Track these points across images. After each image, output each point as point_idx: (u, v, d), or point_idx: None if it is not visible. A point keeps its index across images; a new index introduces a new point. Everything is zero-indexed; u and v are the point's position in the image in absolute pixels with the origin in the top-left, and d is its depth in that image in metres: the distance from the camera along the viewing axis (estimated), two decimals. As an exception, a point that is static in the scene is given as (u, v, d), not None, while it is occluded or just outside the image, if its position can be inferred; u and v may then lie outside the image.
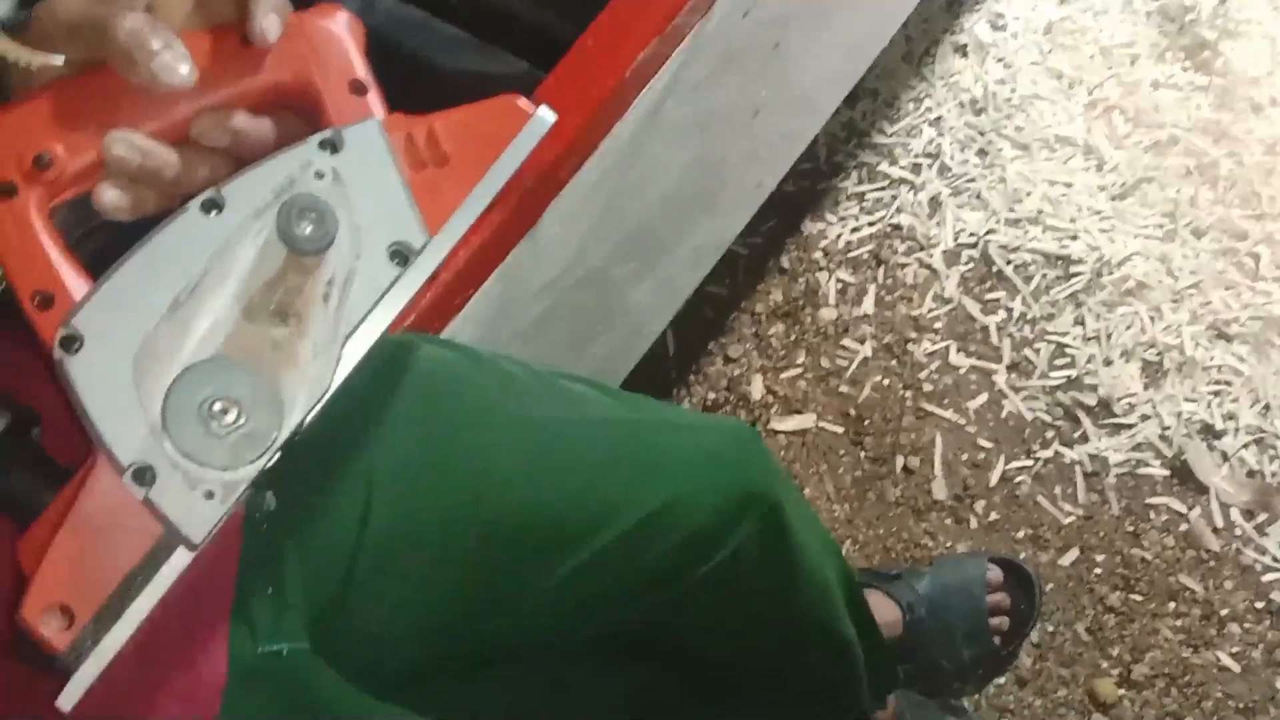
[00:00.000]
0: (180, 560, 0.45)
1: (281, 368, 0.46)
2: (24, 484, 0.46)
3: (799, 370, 1.41)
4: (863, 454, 1.38)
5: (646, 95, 0.80)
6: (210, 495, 0.45)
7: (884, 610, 1.23)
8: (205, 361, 0.45)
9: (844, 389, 1.40)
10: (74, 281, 0.47)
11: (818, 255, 1.46)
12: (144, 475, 0.44)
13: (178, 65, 0.46)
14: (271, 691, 0.57)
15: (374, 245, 0.48)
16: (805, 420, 1.40)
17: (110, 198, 0.48)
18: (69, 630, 0.43)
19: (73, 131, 0.47)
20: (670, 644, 0.86)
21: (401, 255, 0.48)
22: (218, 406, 0.45)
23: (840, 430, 1.39)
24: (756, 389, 1.41)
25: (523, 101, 0.51)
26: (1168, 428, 1.33)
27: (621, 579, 0.75)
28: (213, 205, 0.46)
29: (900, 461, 1.37)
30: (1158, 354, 1.36)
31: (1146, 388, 1.35)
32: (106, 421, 0.44)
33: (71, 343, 0.44)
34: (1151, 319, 1.37)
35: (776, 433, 1.39)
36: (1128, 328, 1.37)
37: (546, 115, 0.51)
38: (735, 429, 0.84)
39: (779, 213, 1.46)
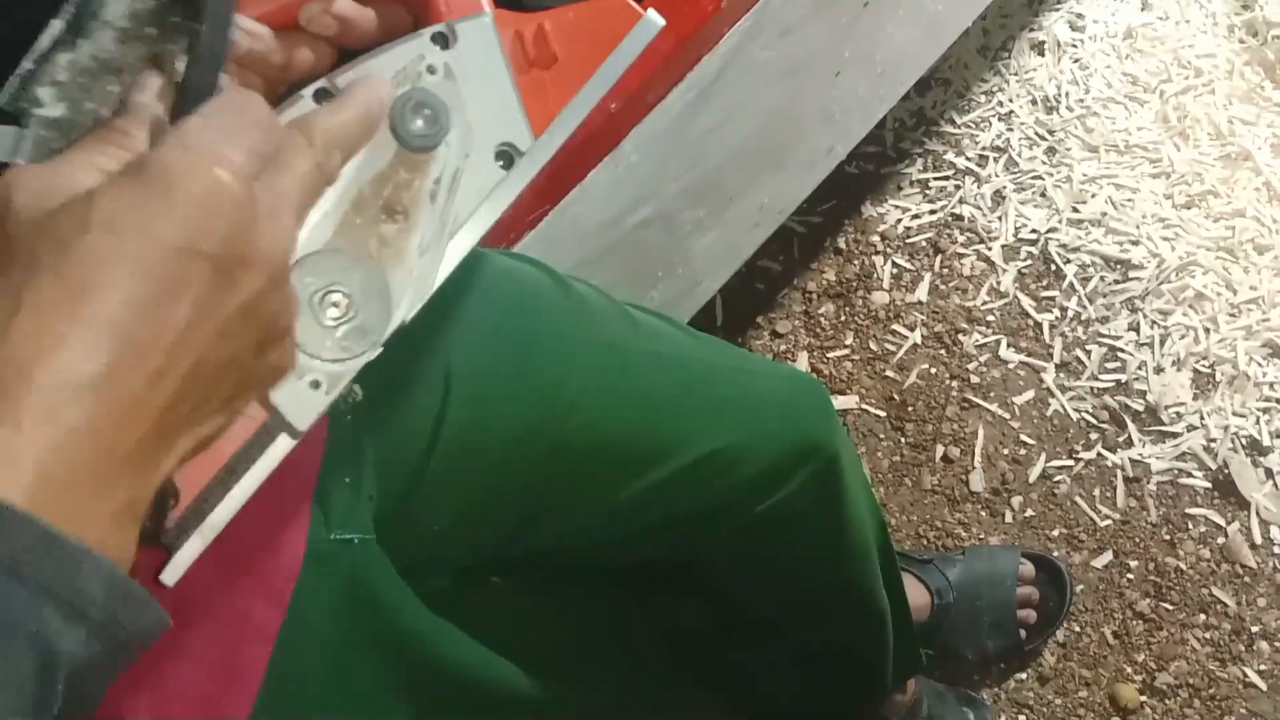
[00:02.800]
0: (282, 446, 0.45)
1: (388, 263, 0.46)
2: None
3: (846, 351, 1.41)
4: (903, 439, 1.37)
5: (738, 30, 0.80)
6: (316, 385, 0.45)
7: (913, 593, 1.23)
8: (317, 253, 0.45)
9: (890, 374, 1.40)
10: None
11: (875, 239, 1.46)
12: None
13: None
14: (338, 577, 0.58)
15: (482, 144, 0.48)
16: (848, 401, 1.39)
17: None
18: (174, 509, 0.44)
19: None
20: (715, 582, 0.87)
21: (508, 156, 0.48)
22: (329, 298, 0.45)
23: (882, 414, 1.38)
24: (802, 366, 1.41)
25: (632, 3, 0.50)
26: (1214, 440, 1.32)
27: (681, 508, 0.76)
28: (325, 95, 0.46)
29: (940, 450, 1.36)
30: (1210, 365, 1.35)
31: (1196, 398, 1.34)
32: None
33: None
34: (1207, 330, 1.36)
35: (818, 410, 1.39)
36: (1182, 337, 1.36)
37: (656, 18, 0.50)
38: (804, 379, 0.85)
39: (840, 193, 1.46)
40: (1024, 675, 1.28)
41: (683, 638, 0.90)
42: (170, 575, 0.44)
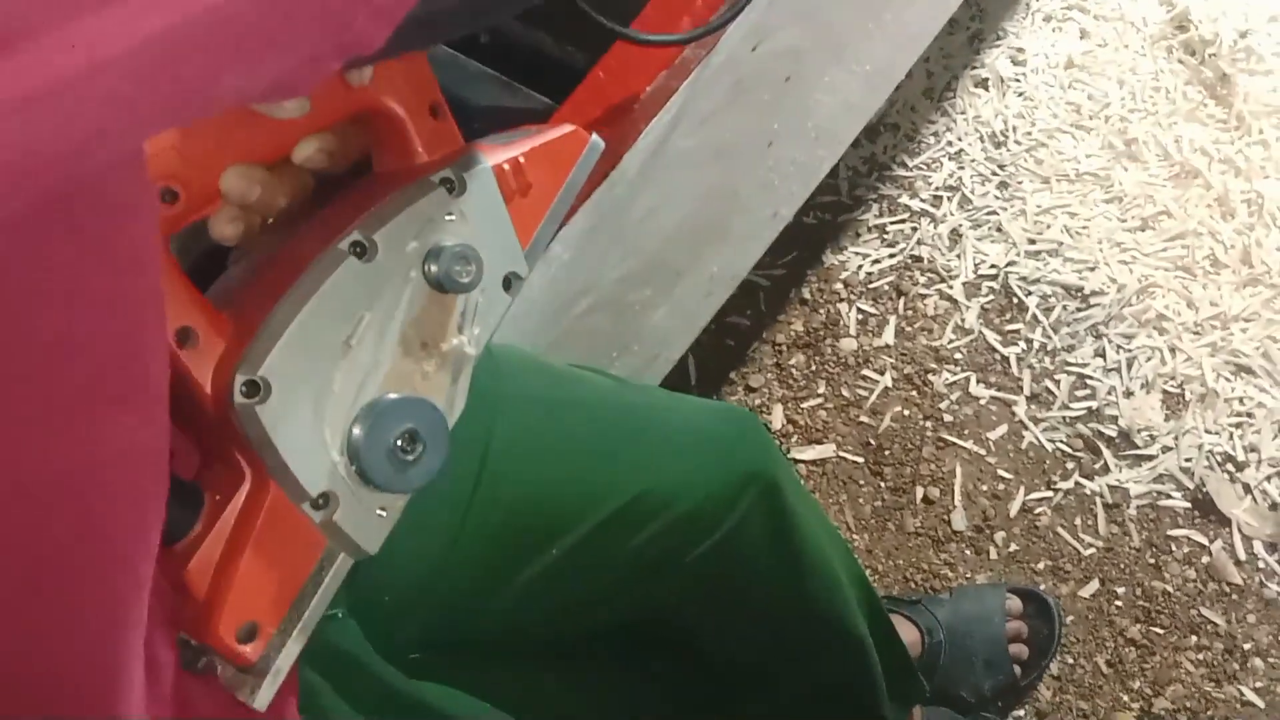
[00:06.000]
0: (343, 566, 0.50)
1: (434, 395, 0.50)
2: (173, 511, 0.48)
3: (819, 400, 1.42)
4: (882, 484, 1.38)
5: (655, 126, 0.82)
6: (383, 512, 0.49)
7: (903, 632, 1.23)
8: (389, 399, 0.49)
9: (864, 419, 1.41)
10: (210, 316, 0.48)
11: (838, 286, 1.47)
12: (327, 501, 0.48)
13: None
14: (323, 653, 0.61)
15: (492, 276, 0.52)
16: (825, 450, 1.41)
17: (230, 230, 0.50)
18: (259, 644, 0.47)
19: (189, 163, 0.48)
20: (680, 638, 0.87)
21: (508, 283, 0.53)
22: (404, 441, 0.49)
23: (860, 460, 1.39)
24: (777, 419, 1.42)
25: (581, 130, 0.56)
26: (1189, 459, 1.33)
27: (616, 559, 0.75)
28: (362, 249, 0.49)
29: (920, 492, 1.37)
30: (1179, 385, 1.36)
31: (1167, 419, 1.35)
32: (295, 458, 0.47)
33: (256, 389, 0.47)
34: (1172, 350, 1.37)
35: (797, 462, 1.40)
36: (1148, 359, 1.37)
37: (599, 142, 0.56)
38: (732, 411, 0.84)
39: (800, 244, 1.48)
40: (1021, 712, 1.28)
41: (662, 698, 0.90)
42: (262, 702, 0.47)
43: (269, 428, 0.47)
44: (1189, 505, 1.32)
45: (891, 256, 1.47)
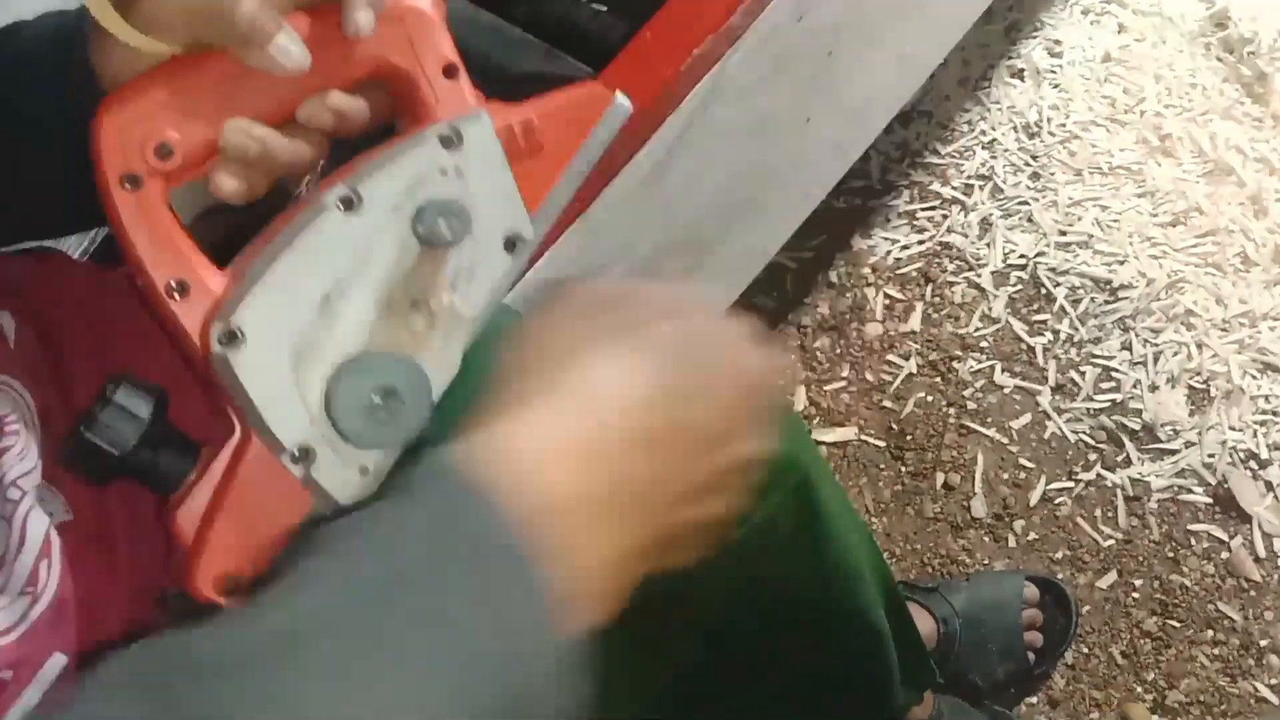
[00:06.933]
0: None
1: (420, 354, 0.50)
2: (169, 461, 0.49)
3: (842, 384, 1.43)
4: (903, 469, 1.39)
5: (698, 93, 0.83)
6: (365, 471, 0.48)
7: (920, 622, 1.23)
8: (367, 354, 0.48)
9: (887, 404, 1.41)
10: (205, 270, 0.49)
11: (866, 271, 1.48)
12: (305, 455, 0.47)
13: (293, 48, 0.47)
14: None
15: (491, 235, 0.51)
16: (847, 433, 1.41)
17: (231, 186, 0.50)
18: (238, 596, 0.47)
19: (188, 118, 0.48)
20: (708, 617, 0.87)
21: (512, 244, 0.51)
22: (381, 398, 0.48)
23: (881, 444, 1.40)
24: (800, 400, 1.43)
25: (604, 88, 0.53)
26: (1212, 455, 1.33)
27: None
28: (350, 202, 0.49)
29: (940, 478, 1.37)
30: (1204, 381, 1.36)
31: (1192, 414, 1.35)
32: (270, 409, 0.47)
33: (233, 338, 0.47)
34: (1199, 346, 1.37)
35: (818, 444, 1.40)
36: (1175, 354, 1.37)
37: (625, 103, 0.53)
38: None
39: (829, 228, 1.48)
40: (1035, 699, 1.28)
41: (680, 681, 0.91)
42: None
43: (243, 377, 0.47)
44: (1210, 501, 1.32)
45: (920, 243, 1.48)
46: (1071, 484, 1.35)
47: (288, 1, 0.49)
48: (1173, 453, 1.34)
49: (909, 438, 1.39)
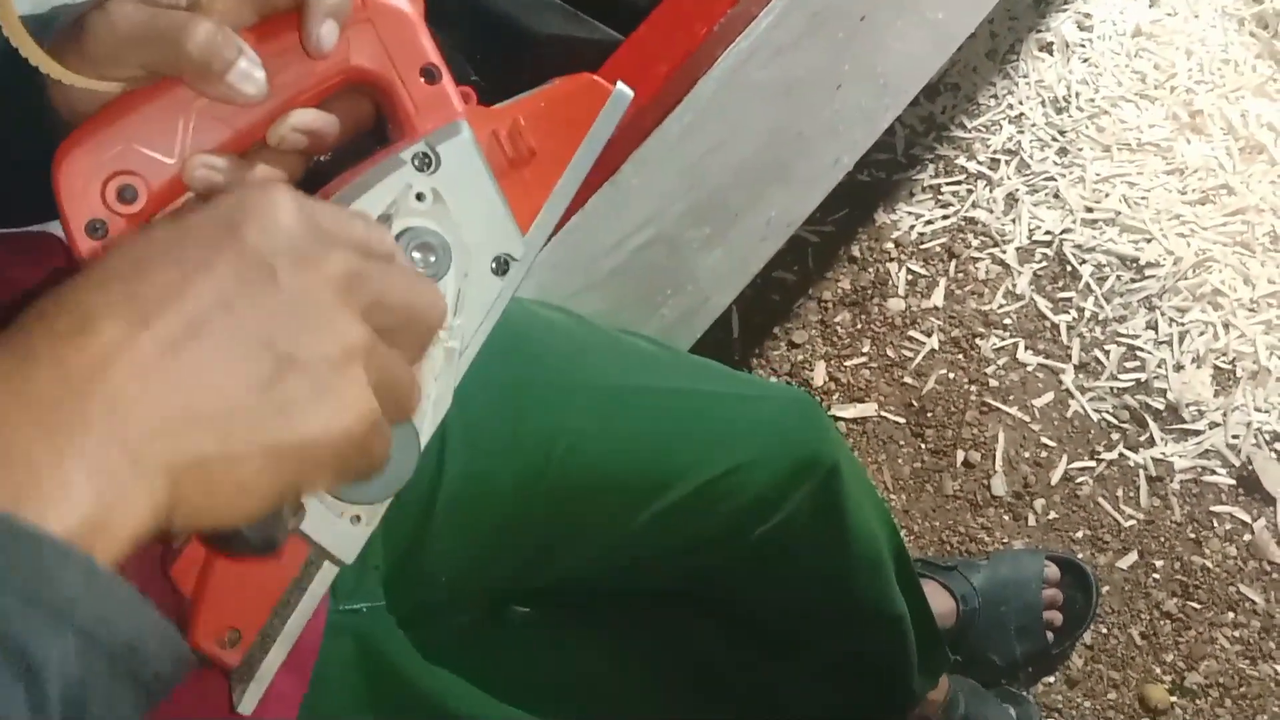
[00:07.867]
0: (330, 573, 0.47)
1: None
2: None
3: (863, 359, 1.41)
4: (923, 445, 1.37)
5: (732, 53, 0.81)
6: (356, 520, 0.46)
7: (938, 601, 1.23)
8: None
9: (908, 380, 1.40)
10: None
11: (889, 246, 1.46)
12: (294, 511, 0.45)
13: (254, 73, 0.43)
14: (351, 645, 0.61)
15: (479, 261, 0.47)
16: (867, 409, 1.40)
17: None
18: (238, 649, 0.46)
19: (150, 154, 0.45)
20: (728, 606, 0.88)
21: (502, 265, 0.48)
22: None
23: (902, 421, 1.38)
24: (819, 375, 1.41)
25: (599, 80, 0.49)
26: (1236, 436, 1.31)
27: (684, 536, 0.78)
28: None
29: (961, 455, 1.36)
30: (1230, 361, 1.34)
31: (1216, 395, 1.33)
32: None
33: None
34: (1226, 326, 1.35)
35: (837, 420, 1.39)
36: (1201, 334, 1.35)
37: (625, 91, 0.49)
38: (797, 399, 0.86)
39: (852, 201, 1.47)
40: (1052, 679, 1.28)
41: (704, 663, 0.91)
42: (247, 706, 0.47)
43: None
44: (1233, 483, 1.31)
45: (945, 218, 1.46)
46: (1093, 463, 1.33)
47: (246, 15, 0.45)
48: (1197, 433, 1.32)
49: (930, 414, 1.38)
